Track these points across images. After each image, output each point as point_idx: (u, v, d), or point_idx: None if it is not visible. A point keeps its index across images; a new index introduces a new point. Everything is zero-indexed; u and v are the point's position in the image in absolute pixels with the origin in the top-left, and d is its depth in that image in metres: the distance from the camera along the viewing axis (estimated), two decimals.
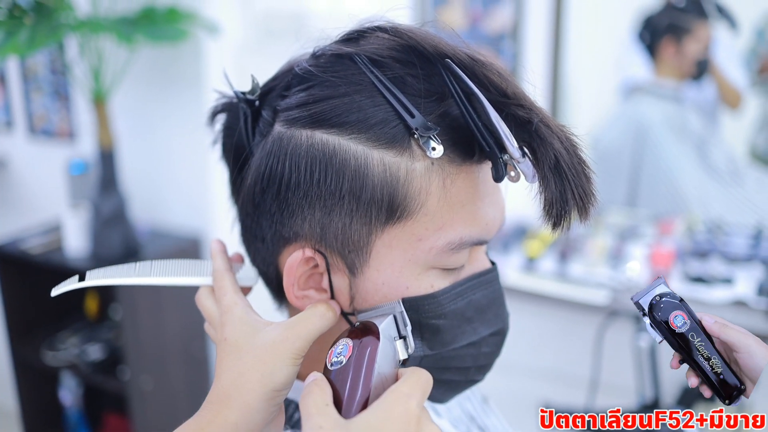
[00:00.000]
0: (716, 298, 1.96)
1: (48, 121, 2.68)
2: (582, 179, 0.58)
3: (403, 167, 0.61)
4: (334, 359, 0.58)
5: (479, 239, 0.65)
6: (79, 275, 0.71)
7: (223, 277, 0.70)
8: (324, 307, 0.65)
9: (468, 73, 0.59)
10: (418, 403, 0.54)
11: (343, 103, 0.62)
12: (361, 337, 0.59)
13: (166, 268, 0.73)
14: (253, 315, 0.66)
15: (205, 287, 0.73)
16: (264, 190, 0.66)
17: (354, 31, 0.66)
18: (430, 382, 0.57)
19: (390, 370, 0.59)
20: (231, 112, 0.76)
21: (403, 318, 0.62)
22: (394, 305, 0.63)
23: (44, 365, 2.40)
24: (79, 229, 2.26)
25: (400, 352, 0.61)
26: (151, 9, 2.10)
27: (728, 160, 2.54)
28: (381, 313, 0.63)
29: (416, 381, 0.56)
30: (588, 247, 2.25)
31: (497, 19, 2.36)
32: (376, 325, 0.60)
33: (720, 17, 2.53)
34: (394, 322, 0.62)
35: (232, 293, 0.69)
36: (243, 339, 0.64)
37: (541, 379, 2.31)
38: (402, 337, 0.62)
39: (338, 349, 0.59)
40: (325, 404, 0.54)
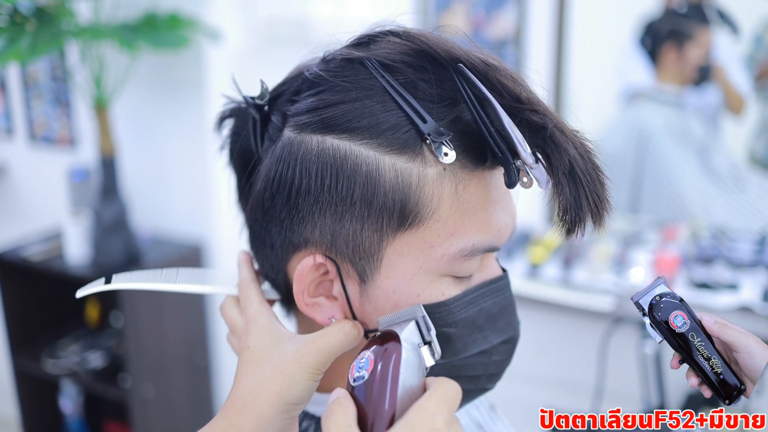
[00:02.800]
0: (721, 304, 1.95)
1: (48, 128, 2.68)
2: (597, 185, 0.58)
3: (415, 173, 0.61)
4: (356, 374, 0.56)
5: (491, 246, 0.64)
6: (105, 278, 0.71)
7: (249, 287, 0.70)
8: (350, 324, 0.65)
9: (481, 77, 0.59)
10: (446, 420, 0.52)
11: (354, 108, 0.62)
12: (382, 350, 0.57)
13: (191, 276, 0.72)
14: (278, 326, 0.66)
15: (230, 297, 0.73)
16: (274, 195, 0.65)
17: (365, 35, 0.65)
18: (459, 393, 0.55)
19: (416, 380, 0.57)
20: (239, 118, 0.75)
21: (426, 322, 0.59)
22: (416, 309, 0.60)
23: (45, 373, 2.40)
24: (80, 237, 2.25)
25: (426, 359, 0.58)
26: (153, 15, 2.11)
27: (730, 165, 2.53)
28: (402, 318, 0.61)
29: (443, 395, 0.54)
30: (592, 253, 2.24)
31: (500, 25, 2.36)
32: (397, 334, 0.58)
33: (721, 23, 2.54)
34: (416, 329, 0.59)
35: (258, 303, 0.69)
36: (265, 348, 0.63)
37: (546, 386, 2.30)
38: (426, 342, 0.59)
39: (360, 363, 0.57)
40: (347, 425, 0.52)
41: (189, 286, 0.72)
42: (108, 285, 0.71)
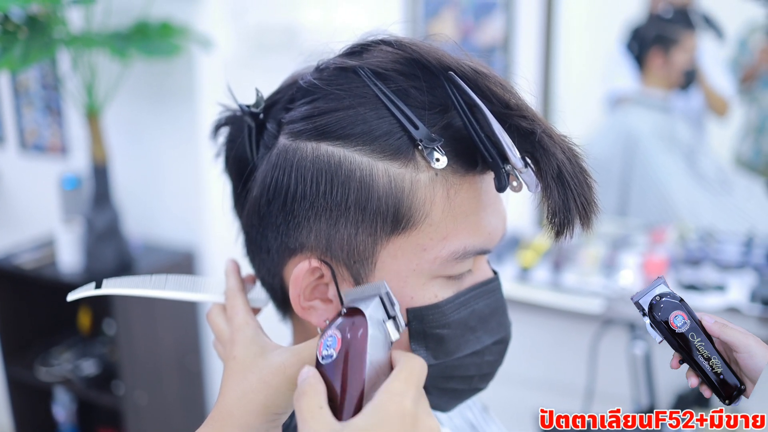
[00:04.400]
0: (710, 305, 1.97)
1: (39, 136, 2.67)
2: (584, 188, 0.59)
3: (407, 178, 0.62)
4: (324, 352, 0.57)
5: (482, 249, 0.65)
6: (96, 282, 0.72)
7: (236, 297, 0.72)
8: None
9: (471, 85, 0.60)
10: (414, 399, 0.53)
11: (348, 115, 0.63)
12: (349, 327, 0.57)
13: (180, 283, 0.73)
14: (263, 337, 0.67)
15: (217, 305, 0.74)
16: (270, 201, 0.66)
17: (357, 44, 0.67)
18: (424, 368, 0.56)
19: (383, 355, 0.57)
20: (234, 126, 0.76)
21: (390, 298, 0.59)
22: (379, 285, 0.60)
23: (38, 381, 2.38)
24: (72, 244, 2.25)
25: (391, 333, 0.59)
26: (144, 24, 2.11)
27: (717, 168, 2.56)
28: (366, 294, 0.61)
29: (409, 374, 0.54)
30: (581, 256, 2.26)
31: (488, 32, 2.38)
32: (362, 311, 0.58)
33: (707, 27, 2.56)
34: (381, 304, 0.59)
35: (244, 313, 0.70)
36: (251, 359, 0.64)
37: (537, 389, 2.30)
38: (391, 317, 0.59)
39: (327, 341, 0.57)
40: (318, 407, 0.53)
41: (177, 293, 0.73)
42: (98, 290, 0.72)
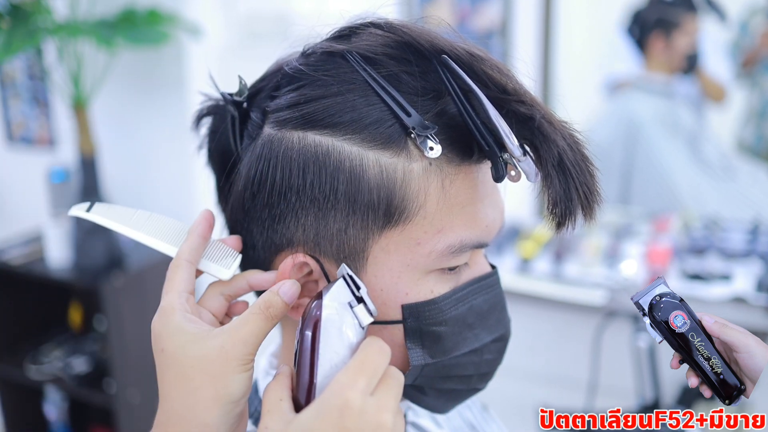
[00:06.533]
0: (715, 296, 1.95)
1: (27, 129, 2.65)
2: (586, 176, 0.58)
3: (400, 168, 0.60)
4: (295, 344, 0.56)
5: (479, 242, 0.63)
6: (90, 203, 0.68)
7: (179, 268, 0.62)
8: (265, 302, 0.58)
9: (466, 69, 0.58)
10: (363, 391, 0.51)
11: (336, 102, 0.60)
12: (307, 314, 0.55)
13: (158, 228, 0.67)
14: (192, 321, 0.59)
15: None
16: (254, 195, 0.64)
17: (345, 27, 0.64)
18: (383, 352, 0.54)
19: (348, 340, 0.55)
20: (217, 115, 0.73)
21: (354, 280, 0.56)
22: (341, 268, 0.58)
23: (28, 379, 2.37)
24: (61, 239, 2.23)
25: (360, 317, 0.55)
26: (131, 11, 2.09)
27: (720, 154, 2.53)
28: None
29: (360, 364, 0.52)
30: (583, 246, 2.23)
31: (485, 16, 2.35)
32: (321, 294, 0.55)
33: (709, 10, 2.53)
34: (345, 287, 0.56)
35: (174, 293, 0.61)
36: (182, 351, 0.57)
37: (539, 383, 2.29)
38: (360, 300, 0.56)
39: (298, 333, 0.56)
40: (279, 399, 0.54)
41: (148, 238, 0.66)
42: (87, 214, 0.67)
